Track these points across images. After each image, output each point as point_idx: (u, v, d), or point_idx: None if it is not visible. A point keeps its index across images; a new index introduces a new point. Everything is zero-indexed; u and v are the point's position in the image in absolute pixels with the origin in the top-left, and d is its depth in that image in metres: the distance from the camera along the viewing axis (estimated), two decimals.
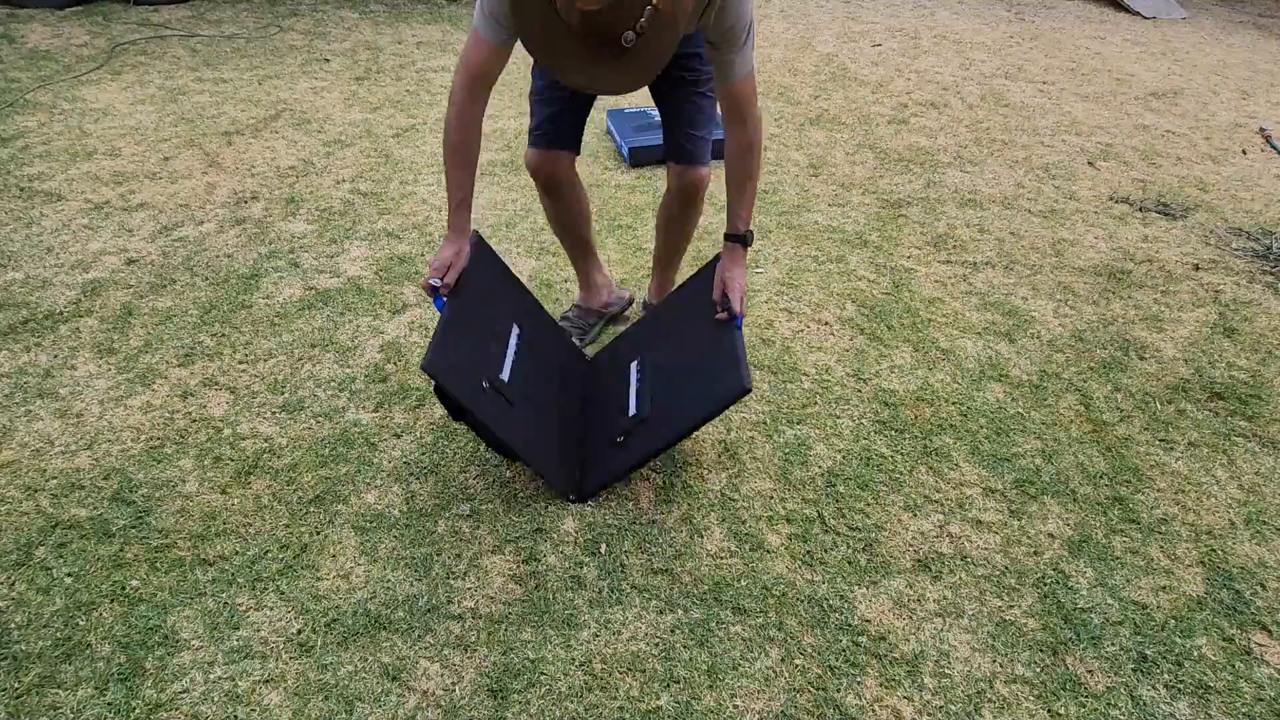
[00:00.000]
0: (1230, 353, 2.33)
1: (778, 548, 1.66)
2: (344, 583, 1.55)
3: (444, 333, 1.59)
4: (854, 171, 3.32)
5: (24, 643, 1.42)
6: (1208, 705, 1.41)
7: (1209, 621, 1.56)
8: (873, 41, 5.06)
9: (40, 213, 2.69)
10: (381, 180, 3.05)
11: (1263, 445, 2.00)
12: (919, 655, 1.47)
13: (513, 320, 1.84)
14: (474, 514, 1.71)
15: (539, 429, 1.76)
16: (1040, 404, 2.09)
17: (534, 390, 1.80)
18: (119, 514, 1.67)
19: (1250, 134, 3.93)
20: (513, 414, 1.67)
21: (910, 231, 2.88)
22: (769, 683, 1.41)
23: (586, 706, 1.36)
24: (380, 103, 3.75)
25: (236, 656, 1.41)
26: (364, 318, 2.29)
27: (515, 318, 1.85)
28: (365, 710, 1.34)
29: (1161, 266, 2.74)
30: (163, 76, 3.88)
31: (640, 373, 1.86)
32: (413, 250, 2.61)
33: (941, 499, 1.80)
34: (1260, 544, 1.73)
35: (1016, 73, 4.62)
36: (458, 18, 5.08)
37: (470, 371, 1.62)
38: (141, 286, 2.37)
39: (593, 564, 1.61)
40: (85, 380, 2.01)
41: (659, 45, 1.26)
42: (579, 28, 1.20)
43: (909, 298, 2.50)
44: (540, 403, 1.80)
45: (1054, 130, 3.84)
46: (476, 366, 1.64)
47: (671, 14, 1.23)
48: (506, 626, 1.49)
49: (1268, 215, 3.13)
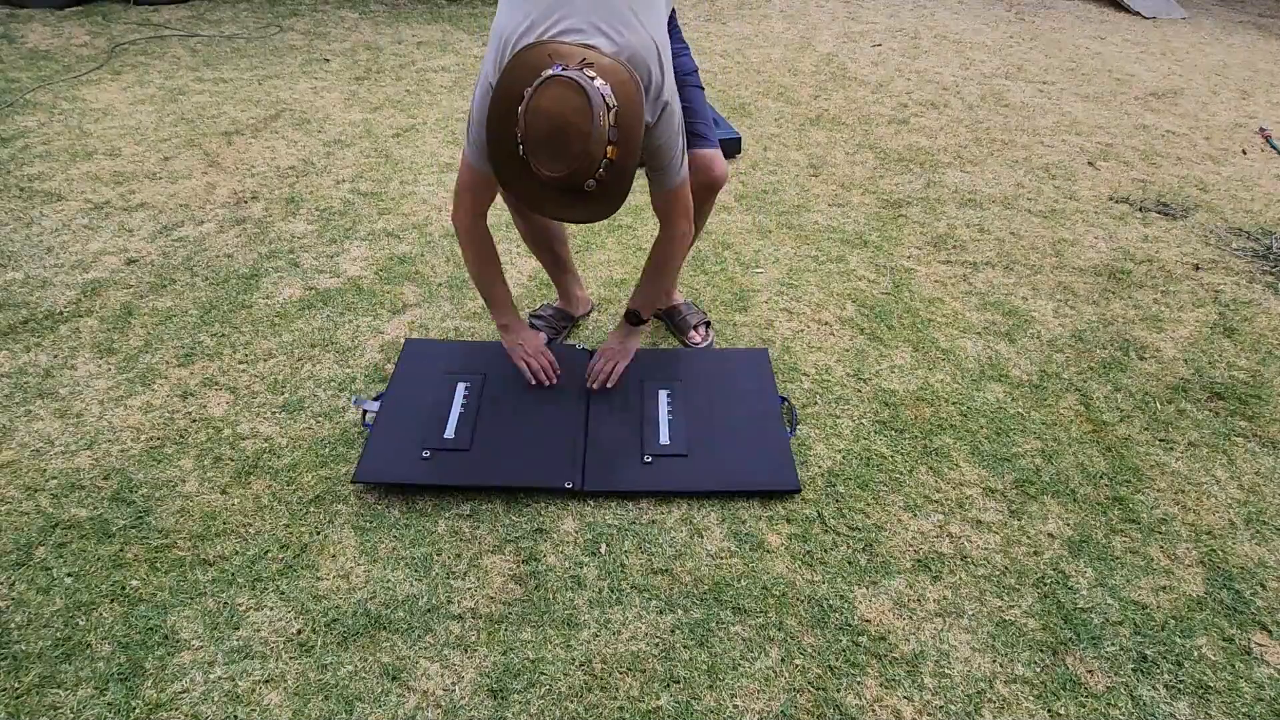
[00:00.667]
0: (1230, 353, 2.33)
1: (778, 548, 1.66)
2: (344, 583, 1.55)
3: (370, 442, 1.80)
4: (854, 171, 3.32)
5: (24, 643, 1.42)
6: (1208, 705, 1.41)
7: (1209, 621, 1.56)
8: (873, 41, 5.06)
9: (40, 213, 2.69)
10: (381, 180, 3.05)
11: (1263, 445, 2.00)
12: (919, 655, 1.47)
13: (458, 380, 1.99)
14: (474, 514, 1.71)
15: (514, 447, 1.82)
16: (1040, 404, 2.09)
17: (502, 410, 1.90)
18: (119, 514, 1.67)
19: (1250, 134, 3.93)
20: (472, 455, 1.80)
21: (910, 231, 2.88)
22: (769, 683, 1.41)
23: (586, 706, 1.36)
24: (380, 103, 3.75)
25: (236, 656, 1.41)
26: (364, 318, 2.29)
27: (462, 377, 2.00)
28: (365, 710, 1.34)
29: (1161, 266, 2.74)
30: (163, 76, 3.88)
31: (671, 404, 1.95)
32: (413, 250, 2.61)
33: (941, 499, 1.80)
34: (1260, 544, 1.73)
35: (1016, 73, 4.62)
36: (458, 18, 5.08)
37: (403, 456, 1.78)
38: (141, 286, 2.37)
39: (593, 564, 1.61)
40: (85, 380, 2.01)
41: (619, 184, 1.51)
42: (549, 184, 1.46)
43: (909, 298, 2.50)
44: (512, 420, 1.89)
45: (1054, 130, 3.83)
46: (411, 446, 1.80)
47: (625, 157, 1.47)
48: (506, 626, 1.49)
49: (1268, 215, 3.13)
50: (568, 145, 1.39)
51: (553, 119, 1.37)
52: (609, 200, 1.51)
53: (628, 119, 1.44)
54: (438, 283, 2.46)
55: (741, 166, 3.31)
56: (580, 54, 1.44)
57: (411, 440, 1.81)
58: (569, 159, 1.40)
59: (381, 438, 1.82)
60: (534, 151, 1.42)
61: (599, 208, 1.52)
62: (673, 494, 1.76)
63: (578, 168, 1.41)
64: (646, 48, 1.54)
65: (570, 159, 1.40)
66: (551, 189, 1.47)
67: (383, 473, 1.75)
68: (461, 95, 3.88)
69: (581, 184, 1.45)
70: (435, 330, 2.25)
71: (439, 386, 1.97)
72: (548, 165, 1.42)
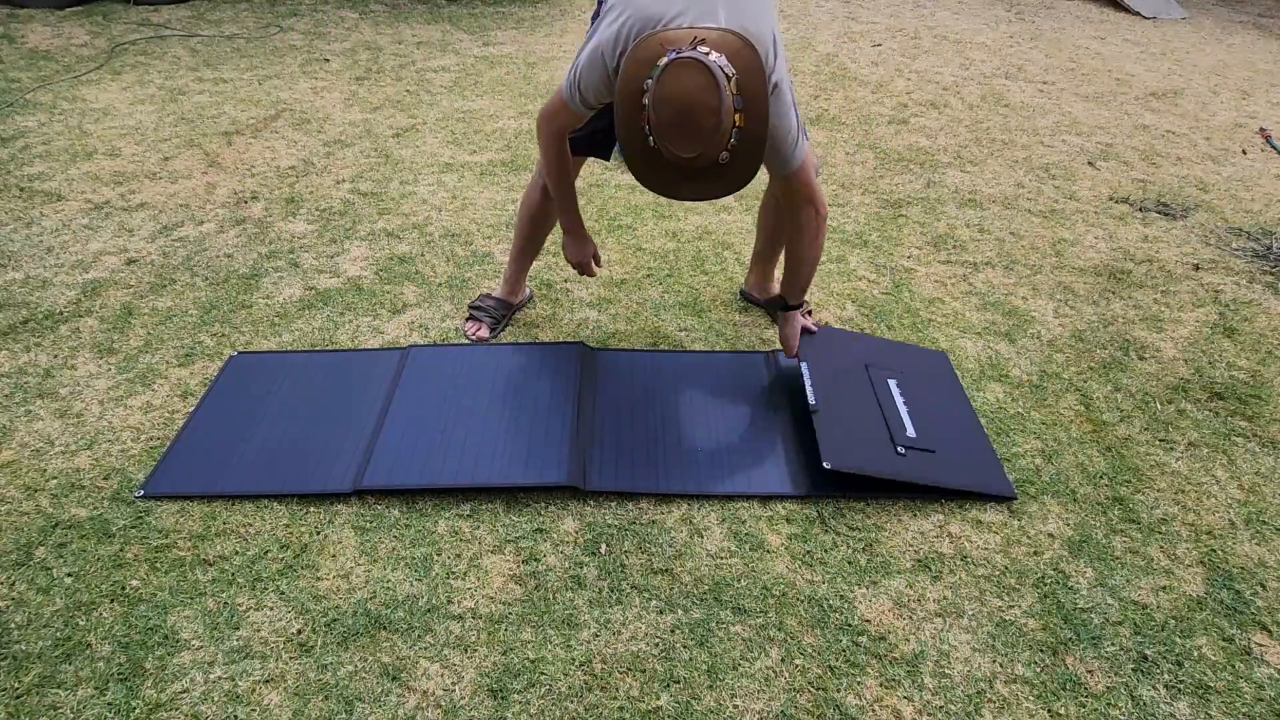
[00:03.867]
0: (1230, 353, 2.32)
1: (778, 548, 1.66)
2: (344, 583, 1.55)
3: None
4: (854, 171, 3.32)
5: (24, 643, 1.42)
6: (1208, 705, 1.41)
7: (1209, 621, 1.56)
8: (873, 41, 5.06)
9: (40, 213, 2.69)
10: (381, 180, 3.05)
11: (1263, 445, 2.00)
12: (919, 655, 1.47)
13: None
14: (474, 514, 1.71)
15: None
16: (1040, 404, 2.09)
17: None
18: (119, 514, 1.66)
19: (1250, 134, 3.93)
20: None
21: (910, 231, 2.88)
22: (769, 683, 1.41)
23: (586, 706, 1.36)
24: (380, 103, 3.75)
25: (236, 656, 1.41)
26: (364, 318, 2.29)
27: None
28: (365, 710, 1.34)
29: (1161, 266, 2.74)
30: (163, 76, 3.88)
31: (904, 398, 1.98)
32: (413, 250, 2.61)
33: (941, 499, 1.80)
34: (1260, 544, 1.73)
35: (1016, 73, 4.62)
36: (458, 18, 5.08)
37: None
38: (141, 286, 2.37)
39: (593, 564, 1.61)
40: (85, 380, 2.01)
41: (752, 152, 1.50)
42: (685, 166, 1.47)
43: (909, 298, 2.50)
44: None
45: (1054, 130, 3.83)
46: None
47: (753, 122, 1.46)
48: (506, 626, 1.49)
49: (1268, 215, 3.13)
50: (698, 123, 1.41)
51: (679, 102, 1.40)
52: (744, 170, 1.52)
53: (749, 84, 1.45)
54: (438, 283, 2.46)
55: None
56: (689, 35, 1.46)
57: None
58: (701, 137, 1.42)
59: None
60: (665, 137, 1.44)
61: (735, 178, 1.53)
62: (908, 487, 1.77)
63: (710, 143, 1.43)
64: (761, 28, 1.54)
65: (702, 137, 1.42)
66: (687, 170, 1.49)
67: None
68: (461, 95, 3.88)
69: (716, 158, 1.46)
70: (435, 330, 2.25)
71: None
72: (681, 147, 1.44)
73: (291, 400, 1.95)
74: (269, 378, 2.02)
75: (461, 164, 3.20)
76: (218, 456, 1.79)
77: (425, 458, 1.78)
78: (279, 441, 1.83)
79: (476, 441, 1.82)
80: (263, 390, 1.98)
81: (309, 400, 1.95)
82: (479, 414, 1.90)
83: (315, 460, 1.79)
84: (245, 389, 1.98)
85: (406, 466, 1.76)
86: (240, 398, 1.95)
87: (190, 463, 1.77)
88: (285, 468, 1.76)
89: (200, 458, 1.78)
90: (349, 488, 1.72)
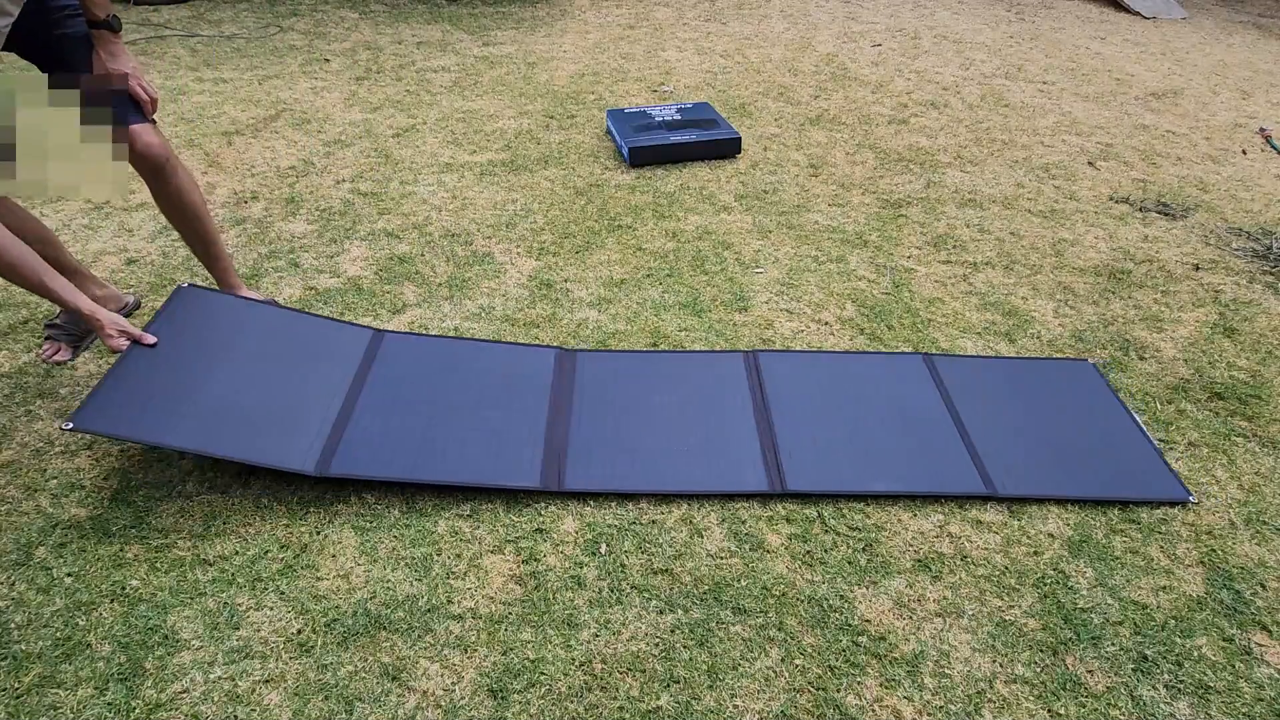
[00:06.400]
0: (1230, 353, 2.32)
1: (778, 548, 1.66)
2: (344, 583, 1.55)
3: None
4: (854, 171, 3.32)
5: (24, 643, 1.42)
6: (1208, 705, 1.41)
7: (1209, 621, 1.56)
8: (873, 41, 5.06)
9: (40, 213, 2.69)
10: (381, 180, 3.05)
11: (1263, 445, 2.00)
12: (919, 655, 1.47)
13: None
14: (474, 514, 1.71)
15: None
16: None
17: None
18: (119, 514, 1.66)
19: (1250, 134, 3.93)
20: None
21: (910, 231, 2.88)
22: (769, 683, 1.41)
23: (586, 706, 1.36)
24: (380, 103, 3.75)
25: (236, 656, 1.41)
26: (364, 317, 2.29)
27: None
28: (365, 710, 1.34)
29: (1161, 266, 2.74)
30: (163, 76, 3.87)
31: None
32: (412, 250, 2.61)
33: (941, 499, 1.80)
34: (1260, 544, 1.73)
35: (1016, 73, 4.62)
36: (458, 18, 5.08)
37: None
38: (141, 286, 2.37)
39: (593, 564, 1.61)
40: (85, 380, 2.01)
41: None
42: None
43: (909, 298, 2.50)
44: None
45: (1054, 130, 3.83)
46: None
47: None
48: (506, 626, 1.49)
49: (1268, 215, 3.13)
50: None
51: None
52: None
53: None
54: (437, 283, 2.46)
55: (741, 166, 3.31)
56: None
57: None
58: None
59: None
60: None
61: None
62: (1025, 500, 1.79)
63: None
64: None
65: None
66: None
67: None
68: (461, 95, 3.88)
69: None
70: (435, 330, 2.25)
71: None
72: None
73: (247, 356, 1.87)
74: (223, 324, 1.93)
75: (461, 164, 3.20)
76: (162, 402, 1.69)
77: (398, 451, 1.77)
78: (233, 401, 1.75)
79: (456, 439, 1.82)
80: (215, 339, 1.88)
81: (267, 360, 1.88)
82: (457, 410, 1.89)
83: (272, 430, 1.73)
84: (196, 332, 1.87)
85: (378, 458, 1.74)
86: (190, 340, 1.84)
87: (130, 401, 1.66)
88: (237, 432, 1.70)
89: (142, 399, 1.68)
90: (312, 469, 1.69)
